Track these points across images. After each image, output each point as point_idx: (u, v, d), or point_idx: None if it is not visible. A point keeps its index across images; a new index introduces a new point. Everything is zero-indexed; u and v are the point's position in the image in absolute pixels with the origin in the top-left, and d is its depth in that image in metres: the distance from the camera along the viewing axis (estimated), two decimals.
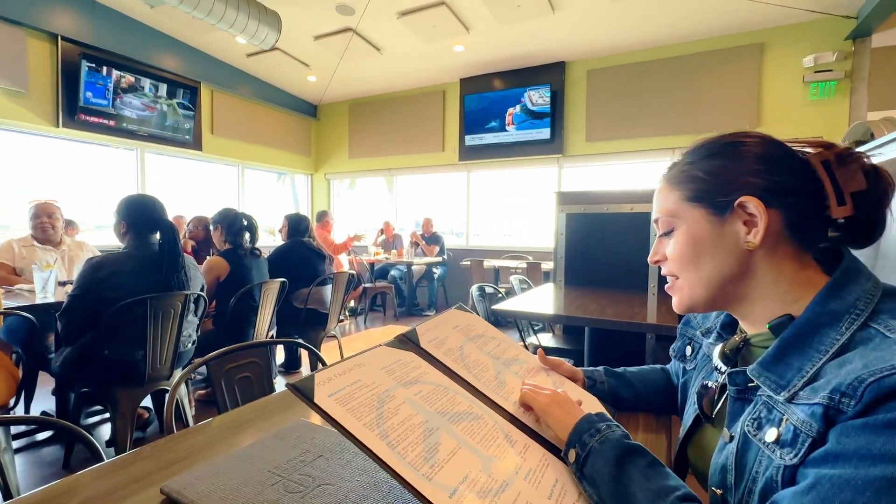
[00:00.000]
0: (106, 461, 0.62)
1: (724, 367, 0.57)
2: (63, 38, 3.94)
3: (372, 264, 5.37)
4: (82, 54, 4.03)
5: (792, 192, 0.50)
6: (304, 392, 0.47)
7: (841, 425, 0.38)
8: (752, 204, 0.50)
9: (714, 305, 0.56)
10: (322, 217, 5.01)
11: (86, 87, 4.06)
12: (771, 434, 0.45)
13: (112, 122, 4.31)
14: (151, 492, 0.54)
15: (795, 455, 0.41)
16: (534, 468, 0.52)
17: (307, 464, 0.60)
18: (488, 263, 5.11)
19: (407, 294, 5.30)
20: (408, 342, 0.69)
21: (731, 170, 0.52)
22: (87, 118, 4.12)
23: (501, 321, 4.60)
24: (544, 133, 5.17)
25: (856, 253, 0.51)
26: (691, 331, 0.72)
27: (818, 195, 0.49)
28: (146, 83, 4.56)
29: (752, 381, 0.49)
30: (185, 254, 1.81)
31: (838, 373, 0.40)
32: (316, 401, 0.47)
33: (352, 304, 5.15)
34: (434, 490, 0.42)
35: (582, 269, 2.34)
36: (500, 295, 2.69)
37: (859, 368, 0.39)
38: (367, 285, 5.12)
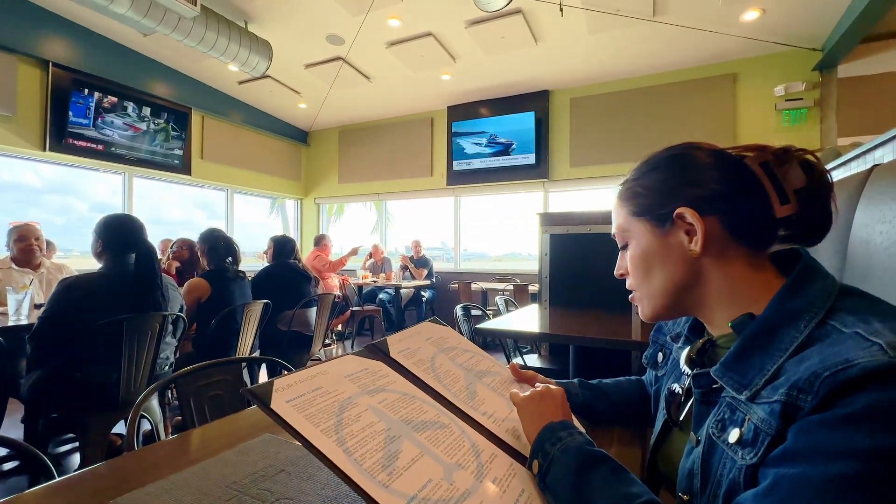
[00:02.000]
0: (57, 479, 0.59)
1: (689, 371, 0.57)
2: (54, 65, 3.98)
3: (360, 287, 5.33)
4: (73, 80, 4.06)
5: (729, 198, 0.51)
6: (260, 398, 0.46)
7: (799, 422, 0.38)
8: (688, 214, 0.51)
9: (675, 312, 0.58)
10: (320, 241, 5.01)
11: (75, 112, 4.08)
12: (734, 435, 0.44)
13: (100, 147, 4.31)
14: None
15: (755, 454, 0.41)
16: (500, 477, 0.51)
17: (268, 478, 0.58)
18: (476, 286, 5.10)
19: (395, 317, 5.26)
20: (377, 352, 0.68)
21: (667, 182, 0.55)
22: (75, 142, 4.12)
23: (490, 344, 4.56)
24: (530, 158, 5.28)
25: (823, 261, 0.52)
26: (662, 337, 0.72)
27: (762, 197, 0.50)
28: (136, 109, 4.59)
29: (717, 383, 0.49)
30: (163, 274, 1.79)
31: (797, 370, 0.40)
32: (272, 406, 0.46)
33: (339, 328, 5.08)
34: (390, 498, 0.41)
35: (567, 290, 2.35)
36: (487, 317, 2.69)
37: (816, 364, 0.39)
38: (355, 308, 5.07)
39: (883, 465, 0.33)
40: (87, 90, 4.16)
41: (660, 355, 0.72)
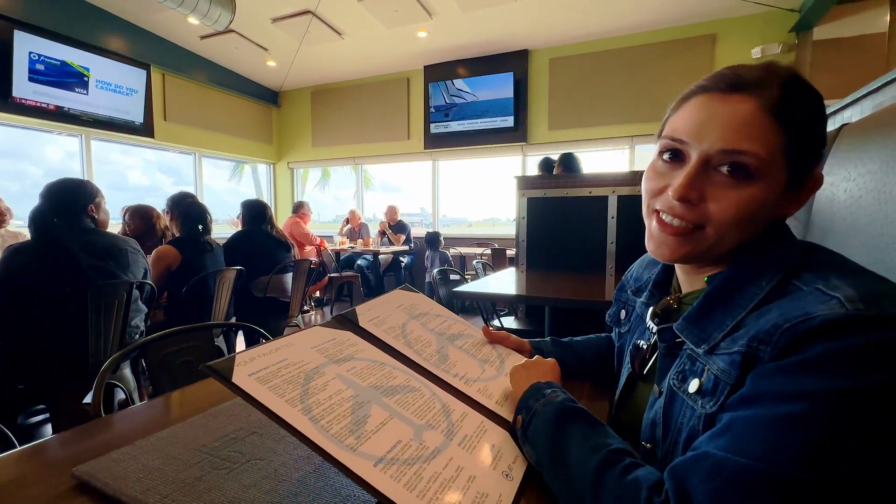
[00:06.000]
0: (19, 448, 0.58)
1: (654, 326, 0.58)
2: None
3: (338, 253, 5.28)
4: (15, 32, 3.72)
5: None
6: (220, 373, 0.45)
7: (756, 370, 0.39)
8: (818, 182, 0.48)
9: (709, 260, 0.52)
10: (298, 208, 4.90)
11: (19, 66, 3.76)
12: (693, 385, 0.46)
13: (52, 106, 4.02)
14: (64, 477, 0.51)
15: (715, 403, 0.43)
16: (469, 435, 0.52)
17: (239, 440, 0.58)
18: (454, 251, 5.12)
19: (374, 283, 5.25)
20: (346, 322, 0.67)
21: (823, 133, 0.47)
22: (23, 100, 3.82)
23: (468, 308, 4.63)
24: (508, 121, 5.19)
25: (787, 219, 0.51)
26: (624, 295, 0.74)
27: None
28: (89, 64, 4.26)
29: (679, 337, 0.50)
30: (126, 237, 1.71)
31: (757, 323, 0.41)
32: (234, 380, 0.45)
33: (317, 294, 5.06)
34: (357, 461, 0.41)
35: (544, 253, 2.38)
36: (465, 281, 2.70)
37: (776, 317, 0.40)
38: (333, 275, 5.03)
39: (830, 406, 0.34)
40: (32, 42, 3.82)
41: (622, 313, 0.73)
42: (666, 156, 0.50)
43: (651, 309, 0.60)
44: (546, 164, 3.53)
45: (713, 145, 0.45)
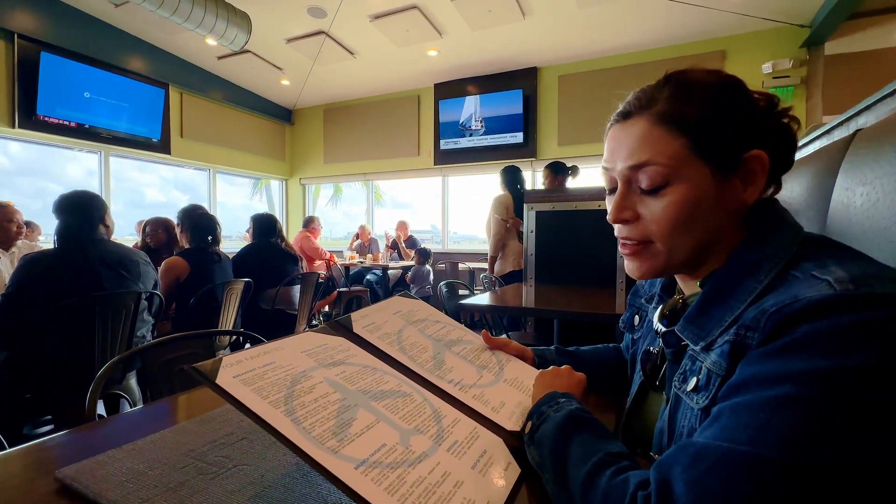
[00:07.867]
0: (7, 450, 0.57)
1: (661, 328, 0.56)
2: (20, 36, 3.79)
3: (347, 268, 5.30)
4: (42, 53, 3.89)
5: (778, 144, 0.48)
6: (205, 374, 0.45)
7: (745, 358, 0.38)
8: (760, 159, 0.46)
9: (681, 269, 0.53)
10: (309, 223, 4.95)
11: (44, 86, 3.91)
12: (692, 383, 0.45)
13: (73, 124, 4.16)
14: (47, 480, 0.50)
15: (708, 397, 0.42)
16: (460, 440, 0.50)
17: (228, 446, 0.56)
18: (463, 266, 5.10)
19: (383, 298, 5.24)
20: (339, 328, 0.66)
21: (740, 118, 0.47)
22: (47, 119, 3.97)
23: (476, 324, 4.58)
24: (518, 137, 5.22)
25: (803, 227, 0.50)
26: (638, 300, 0.72)
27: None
28: (110, 84, 4.42)
29: (683, 340, 0.49)
30: (136, 249, 1.74)
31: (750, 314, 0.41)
32: (218, 381, 0.44)
33: (326, 309, 5.06)
34: (338, 463, 0.40)
35: (552, 267, 2.35)
36: (473, 295, 2.68)
37: (767, 305, 0.39)
38: (342, 289, 5.04)
39: (817, 387, 0.32)
40: (56, 63, 3.98)
41: (636, 318, 0.72)
42: (608, 189, 0.55)
43: (659, 309, 0.58)
44: (555, 168, 3.53)
45: (623, 164, 0.49)
